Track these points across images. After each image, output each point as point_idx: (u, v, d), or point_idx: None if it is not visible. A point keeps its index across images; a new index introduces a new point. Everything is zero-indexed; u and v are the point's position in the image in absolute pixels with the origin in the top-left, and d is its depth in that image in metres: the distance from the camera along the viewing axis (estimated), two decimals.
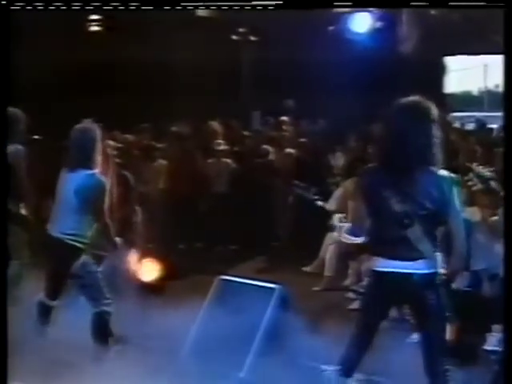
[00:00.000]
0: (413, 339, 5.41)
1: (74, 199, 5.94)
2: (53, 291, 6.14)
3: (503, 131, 7.94)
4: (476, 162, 8.55)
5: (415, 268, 4.59)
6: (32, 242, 7.00)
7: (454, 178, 4.67)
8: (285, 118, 13.88)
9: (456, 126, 16.65)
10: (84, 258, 6.01)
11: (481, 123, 15.74)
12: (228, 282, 6.41)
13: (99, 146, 6.05)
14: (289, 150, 11.57)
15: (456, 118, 18.81)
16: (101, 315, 5.99)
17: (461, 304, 5.59)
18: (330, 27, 13.34)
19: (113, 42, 13.56)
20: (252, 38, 15.34)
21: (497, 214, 6.68)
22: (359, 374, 4.93)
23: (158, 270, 7.66)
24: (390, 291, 4.71)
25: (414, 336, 5.16)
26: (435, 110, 4.67)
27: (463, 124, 17.59)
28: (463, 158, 9.82)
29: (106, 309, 6.01)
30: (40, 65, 12.57)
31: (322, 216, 9.38)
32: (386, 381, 5.57)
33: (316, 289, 8.71)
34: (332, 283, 8.79)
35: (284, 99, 15.56)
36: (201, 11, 12.97)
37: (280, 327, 5.90)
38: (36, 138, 10.57)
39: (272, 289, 6.07)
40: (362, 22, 12.74)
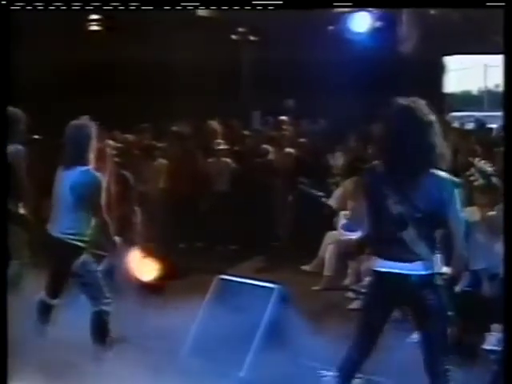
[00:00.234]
0: (413, 339, 5.41)
1: (70, 196, 5.93)
2: (53, 290, 6.15)
3: (503, 131, 7.93)
4: (478, 158, 8.53)
5: (412, 269, 4.58)
6: (32, 242, 7.01)
7: (455, 180, 4.66)
8: (284, 118, 13.88)
9: (455, 125, 16.65)
10: (84, 257, 6.00)
11: (480, 123, 15.73)
12: (228, 282, 6.41)
13: (94, 143, 6.02)
14: (288, 149, 11.58)
15: (455, 117, 18.82)
16: (100, 314, 5.99)
17: (460, 304, 5.59)
18: (330, 27, 13.36)
19: (113, 42, 13.57)
20: (252, 37, 15.34)
21: (496, 212, 6.67)
22: (359, 374, 4.93)
23: (157, 270, 7.67)
24: (389, 291, 4.70)
25: (414, 336, 5.16)
26: (433, 111, 4.64)
27: (463, 124, 17.58)
28: (462, 157, 9.81)
29: (105, 308, 6.01)
30: (40, 65, 12.57)
31: (321, 215, 9.39)
32: (386, 381, 5.57)
33: (315, 288, 8.71)
34: (331, 283, 8.78)
35: (284, 99, 15.56)
36: (201, 11, 12.96)
37: (279, 326, 5.91)
38: (36, 137, 10.59)
39: (271, 288, 6.07)
40: (361, 22, 12.74)
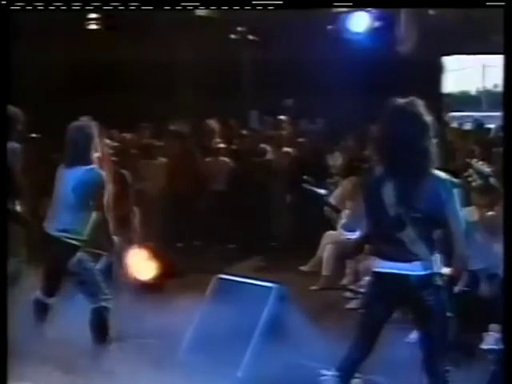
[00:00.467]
0: (411, 339, 5.42)
1: (71, 196, 5.93)
2: (49, 288, 6.15)
3: (502, 131, 7.94)
4: (476, 159, 8.51)
5: (411, 269, 4.58)
6: (29, 240, 7.00)
7: (454, 180, 4.66)
8: (283, 118, 13.88)
9: (454, 125, 16.67)
10: (79, 255, 6.00)
11: (479, 123, 15.75)
12: (226, 281, 6.42)
13: (96, 143, 6.04)
14: (287, 149, 11.58)
15: (454, 117, 18.84)
16: (100, 311, 5.98)
17: (459, 304, 5.60)
18: (329, 27, 13.33)
19: (112, 42, 13.56)
20: (251, 37, 15.32)
21: (494, 212, 6.67)
22: (358, 374, 4.94)
23: (156, 269, 7.68)
24: (389, 292, 4.70)
25: (413, 336, 5.17)
26: (431, 111, 4.63)
27: (461, 124, 17.60)
28: (461, 157, 9.82)
29: (105, 304, 6.00)
30: (40, 64, 12.56)
31: (319, 215, 9.39)
32: (385, 380, 5.57)
33: (314, 288, 8.72)
34: (329, 282, 8.79)
35: (282, 98, 15.54)
36: (200, 11, 12.95)
37: (278, 326, 5.91)
38: (34, 136, 10.60)
39: (270, 288, 6.08)
40: (360, 22, 12.71)
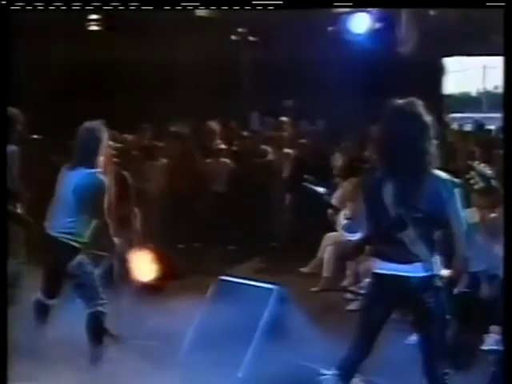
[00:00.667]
0: (411, 340, 5.41)
1: (71, 198, 5.93)
2: (50, 290, 6.14)
3: (503, 132, 7.94)
4: (477, 161, 8.48)
5: (412, 271, 4.57)
6: (30, 241, 7.00)
7: (454, 180, 4.65)
8: (284, 119, 13.88)
9: (454, 127, 16.68)
10: (80, 258, 5.98)
11: (479, 124, 15.76)
12: (226, 282, 6.41)
13: (103, 147, 6.04)
14: (287, 150, 11.58)
15: (454, 119, 18.86)
16: (96, 315, 5.97)
17: (459, 305, 5.60)
18: (329, 28, 13.34)
19: (113, 42, 13.56)
20: (251, 38, 15.32)
21: (495, 213, 6.67)
22: (357, 374, 4.94)
23: (156, 270, 7.67)
24: (389, 293, 4.70)
25: (413, 337, 5.17)
26: (431, 112, 4.63)
27: (462, 125, 17.62)
28: (461, 159, 9.82)
29: (101, 309, 5.99)
30: (40, 65, 12.56)
31: (320, 216, 9.38)
32: (385, 382, 5.57)
33: (314, 289, 8.71)
34: (330, 284, 8.78)
35: (283, 99, 15.55)
36: (201, 11, 12.96)
37: (278, 327, 5.91)
38: (35, 137, 10.61)
39: (270, 289, 6.08)
40: (361, 23, 12.72)
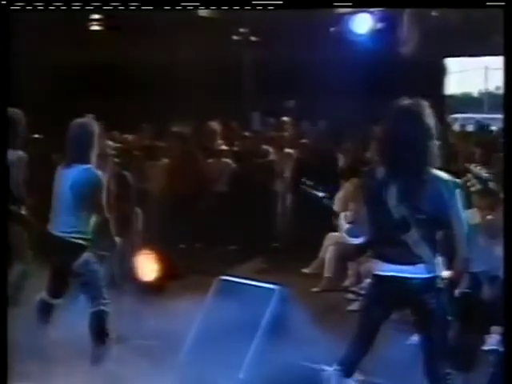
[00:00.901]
0: (413, 341, 5.40)
1: (70, 195, 5.91)
2: (55, 290, 6.14)
3: (503, 133, 7.94)
4: (474, 164, 8.46)
5: (414, 272, 4.57)
6: (34, 242, 6.99)
7: (456, 181, 4.64)
8: (285, 119, 13.88)
9: (456, 127, 16.69)
10: (86, 256, 5.97)
11: (481, 125, 15.77)
12: (228, 283, 6.40)
13: (96, 142, 6.00)
14: (289, 150, 11.57)
15: (456, 119, 18.86)
16: (99, 314, 5.96)
17: (460, 306, 5.59)
18: (331, 28, 13.34)
19: (113, 42, 13.56)
20: (253, 38, 15.32)
21: (494, 215, 6.67)
22: (359, 374, 4.93)
23: (157, 270, 7.67)
24: (390, 294, 4.69)
25: (414, 337, 5.16)
26: (432, 113, 4.62)
27: (463, 126, 17.63)
28: (463, 159, 9.81)
29: (104, 308, 5.99)
30: (40, 65, 12.57)
31: (321, 216, 9.37)
32: (386, 382, 5.56)
33: (315, 290, 8.70)
34: (331, 284, 8.78)
35: (284, 100, 15.56)
36: (203, 12, 12.96)
37: (280, 327, 5.90)
38: (36, 137, 10.60)
39: (272, 289, 6.07)
40: (362, 23, 12.72)
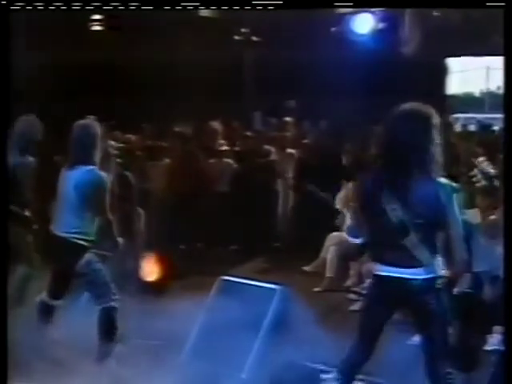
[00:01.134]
0: (414, 341, 5.40)
1: (74, 196, 5.91)
2: (56, 291, 6.13)
3: (504, 133, 7.95)
4: (482, 158, 8.48)
5: (414, 274, 4.56)
6: (37, 244, 6.99)
7: (454, 185, 4.62)
8: (287, 119, 13.87)
9: (457, 127, 16.67)
10: (88, 256, 5.97)
11: (482, 125, 15.76)
12: (229, 283, 6.40)
13: (99, 143, 6.01)
14: (290, 150, 11.56)
15: (457, 119, 18.84)
16: (109, 311, 5.95)
17: (461, 306, 5.58)
18: (332, 28, 13.35)
19: (114, 42, 13.57)
20: (254, 38, 15.33)
21: (496, 214, 6.67)
22: (359, 377, 4.93)
23: (158, 270, 7.67)
24: (390, 294, 4.68)
25: (415, 338, 5.15)
26: (435, 117, 4.58)
27: (465, 126, 17.60)
28: (464, 159, 9.81)
29: (114, 304, 5.97)
30: (40, 65, 12.56)
31: (323, 216, 9.37)
32: (387, 383, 5.56)
33: (317, 289, 8.69)
34: (333, 284, 8.77)
35: (286, 100, 15.55)
36: (204, 12, 12.97)
37: (281, 327, 5.90)
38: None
39: (273, 289, 6.06)
40: (363, 23, 12.73)
